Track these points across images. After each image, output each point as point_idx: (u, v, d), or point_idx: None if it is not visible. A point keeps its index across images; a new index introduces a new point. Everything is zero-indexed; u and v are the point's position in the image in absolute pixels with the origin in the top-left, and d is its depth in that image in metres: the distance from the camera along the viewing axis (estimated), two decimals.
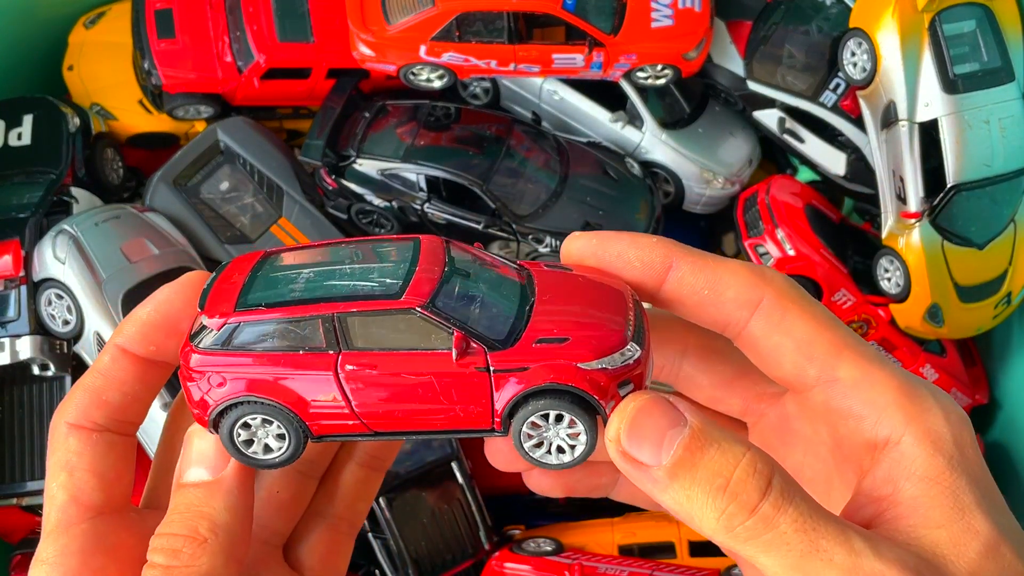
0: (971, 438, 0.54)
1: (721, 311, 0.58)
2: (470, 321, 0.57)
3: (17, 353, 1.63)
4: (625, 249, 0.60)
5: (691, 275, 0.59)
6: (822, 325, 0.57)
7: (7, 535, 1.83)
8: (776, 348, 0.57)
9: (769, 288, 0.58)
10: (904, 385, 0.55)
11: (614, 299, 0.59)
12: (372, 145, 1.80)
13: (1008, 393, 1.93)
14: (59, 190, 1.74)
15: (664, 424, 0.52)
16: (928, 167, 1.63)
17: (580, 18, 1.71)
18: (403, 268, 0.58)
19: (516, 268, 0.62)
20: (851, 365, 0.56)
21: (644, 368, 0.58)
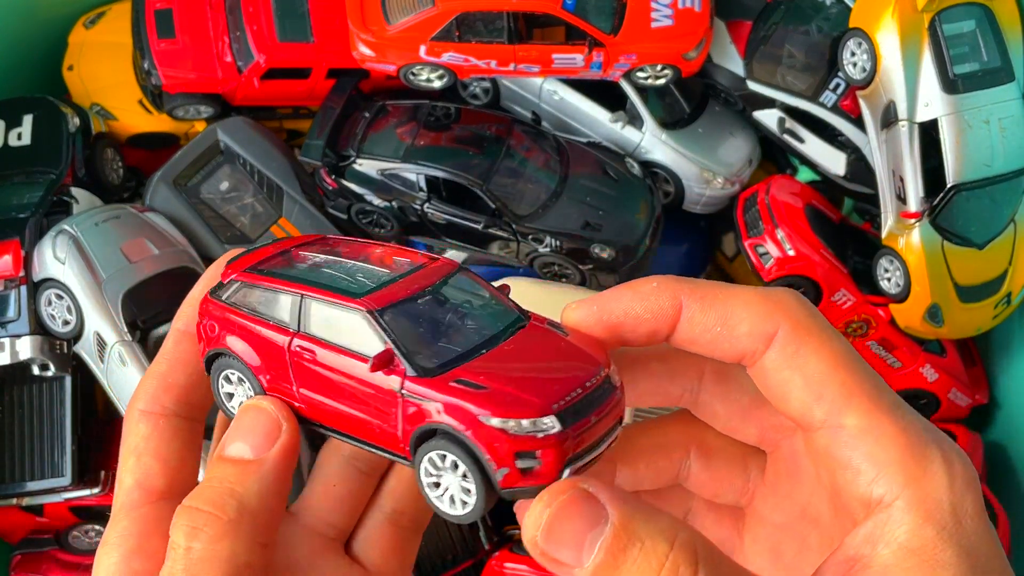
0: (975, 505, 0.51)
1: (736, 346, 0.56)
2: (408, 341, 0.56)
3: (17, 353, 1.63)
4: (630, 305, 0.57)
5: (702, 313, 0.56)
6: (838, 363, 0.54)
7: (7, 535, 1.83)
8: (785, 383, 0.55)
9: (785, 318, 0.55)
10: (911, 442, 0.52)
11: (576, 369, 0.55)
12: (372, 145, 1.80)
13: (1008, 393, 1.93)
14: (59, 190, 1.74)
15: (583, 526, 0.49)
16: (928, 167, 1.63)
17: (580, 18, 1.71)
18: (390, 277, 0.59)
19: (515, 316, 0.59)
20: (859, 412, 0.53)
21: (560, 449, 0.52)
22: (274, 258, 0.65)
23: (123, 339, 1.62)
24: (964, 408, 1.91)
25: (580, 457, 0.54)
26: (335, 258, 0.63)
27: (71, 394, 1.69)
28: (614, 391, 0.56)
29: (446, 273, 0.60)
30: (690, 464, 0.64)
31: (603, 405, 0.55)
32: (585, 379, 0.54)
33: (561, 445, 0.52)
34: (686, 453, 0.64)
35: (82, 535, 1.79)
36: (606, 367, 0.56)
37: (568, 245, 1.75)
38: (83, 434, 1.72)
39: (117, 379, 1.64)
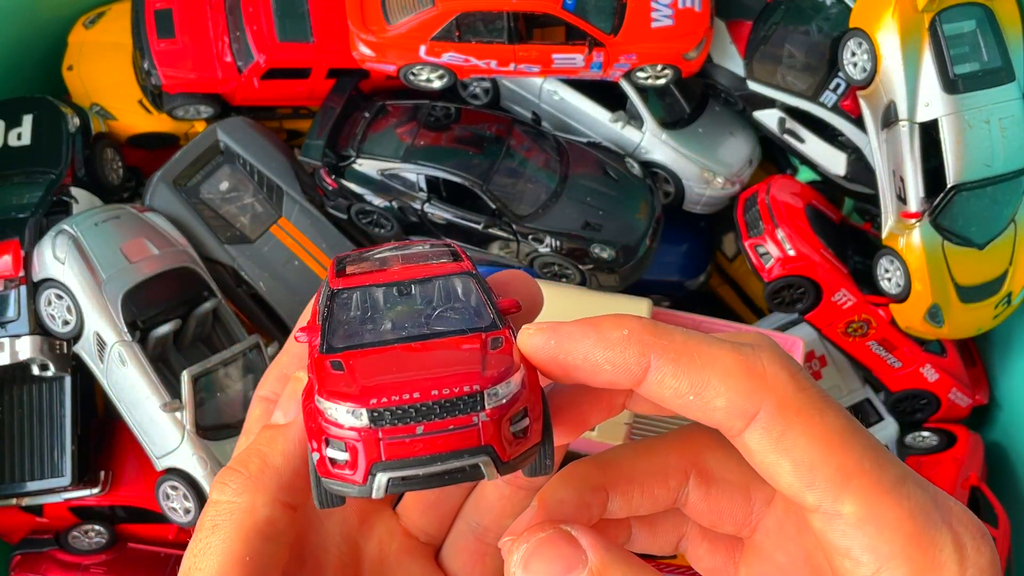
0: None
1: (711, 417, 0.50)
2: (337, 321, 0.56)
3: (17, 353, 1.63)
4: (592, 351, 0.51)
5: (673, 378, 0.49)
6: (831, 444, 0.48)
7: (7, 535, 1.83)
8: (772, 466, 0.49)
9: (769, 397, 0.48)
10: (917, 529, 0.47)
11: (441, 379, 0.51)
12: (372, 145, 1.80)
13: (1008, 393, 1.93)
14: (59, 190, 1.74)
15: (559, 567, 0.48)
16: (928, 167, 1.63)
17: (580, 18, 1.71)
18: (379, 267, 0.60)
19: (476, 325, 0.55)
20: (857, 498, 0.47)
21: (361, 446, 0.49)
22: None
23: (123, 339, 1.62)
24: (964, 408, 1.91)
25: (396, 467, 0.50)
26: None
27: (71, 394, 1.69)
28: (472, 413, 0.50)
29: (435, 273, 0.58)
30: (688, 492, 0.59)
31: (444, 421, 0.49)
32: (435, 387, 0.50)
33: (364, 442, 0.49)
34: (684, 479, 0.59)
35: (82, 535, 1.79)
36: (486, 385, 0.50)
37: (568, 245, 1.75)
38: (83, 434, 1.72)
39: (117, 379, 1.64)
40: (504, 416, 0.50)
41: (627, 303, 1.70)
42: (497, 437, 0.50)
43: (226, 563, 0.54)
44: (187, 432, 1.61)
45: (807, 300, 1.81)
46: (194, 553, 0.55)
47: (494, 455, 0.50)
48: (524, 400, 0.51)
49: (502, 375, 0.51)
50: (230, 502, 0.55)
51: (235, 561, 0.54)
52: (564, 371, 0.52)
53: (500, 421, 0.50)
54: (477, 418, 0.50)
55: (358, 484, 0.50)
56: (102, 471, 1.75)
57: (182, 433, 1.61)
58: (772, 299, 1.82)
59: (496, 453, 0.50)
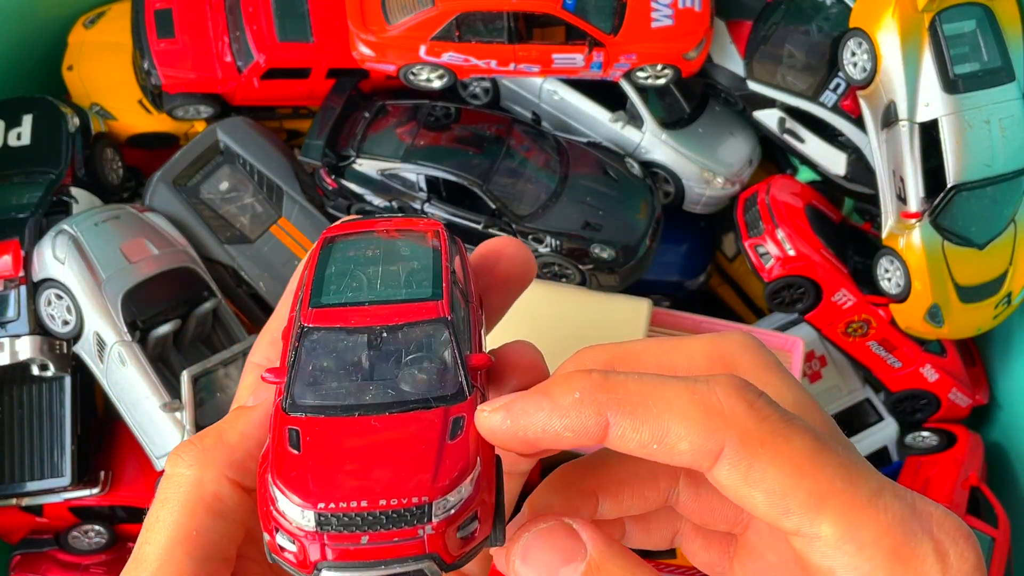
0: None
1: (678, 460, 0.49)
2: (306, 370, 0.56)
3: (17, 353, 1.63)
4: (547, 421, 0.49)
5: (633, 431, 0.48)
6: (801, 469, 0.47)
7: (7, 535, 1.83)
8: (745, 499, 0.48)
9: (730, 432, 0.47)
10: (899, 540, 0.47)
11: (392, 483, 0.50)
12: (372, 145, 1.80)
13: (1008, 393, 1.93)
14: (59, 190, 1.74)
15: (558, 558, 0.48)
16: (928, 167, 1.63)
17: (580, 18, 1.71)
18: (360, 299, 0.58)
19: (441, 393, 0.54)
20: (835, 519, 0.47)
21: (308, 547, 0.50)
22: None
23: (123, 339, 1.62)
24: (964, 408, 1.91)
25: (340, 568, 0.50)
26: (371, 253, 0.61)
27: (71, 394, 1.69)
28: (419, 525, 0.49)
29: (409, 319, 0.56)
30: (679, 492, 0.59)
31: (389, 532, 0.49)
32: (384, 496, 0.49)
33: (310, 544, 0.50)
34: (674, 481, 0.58)
35: (82, 535, 1.79)
36: (435, 496, 0.49)
37: (568, 245, 1.75)
38: (83, 434, 1.72)
39: (117, 379, 1.64)
40: (451, 525, 0.50)
41: (627, 303, 1.70)
42: (442, 546, 0.50)
43: (174, 537, 0.53)
44: (187, 432, 1.61)
45: (807, 300, 1.81)
46: (146, 527, 0.55)
47: (439, 560, 0.50)
48: (475, 502, 0.51)
49: (454, 481, 0.50)
50: (180, 474, 0.55)
51: (183, 535, 0.53)
52: (527, 445, 0.51)
53: (447, 530, 0.50)
54: (423, 530, 0.49)
55: (306, 573, 0.51)
56: (102, 471, 1.75)
57: (182, 433, 1.61)
58: (772, 299, 1.82)
59: (440, 559, 0.50)
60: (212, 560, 0.54)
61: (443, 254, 0.59)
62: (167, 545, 0.53)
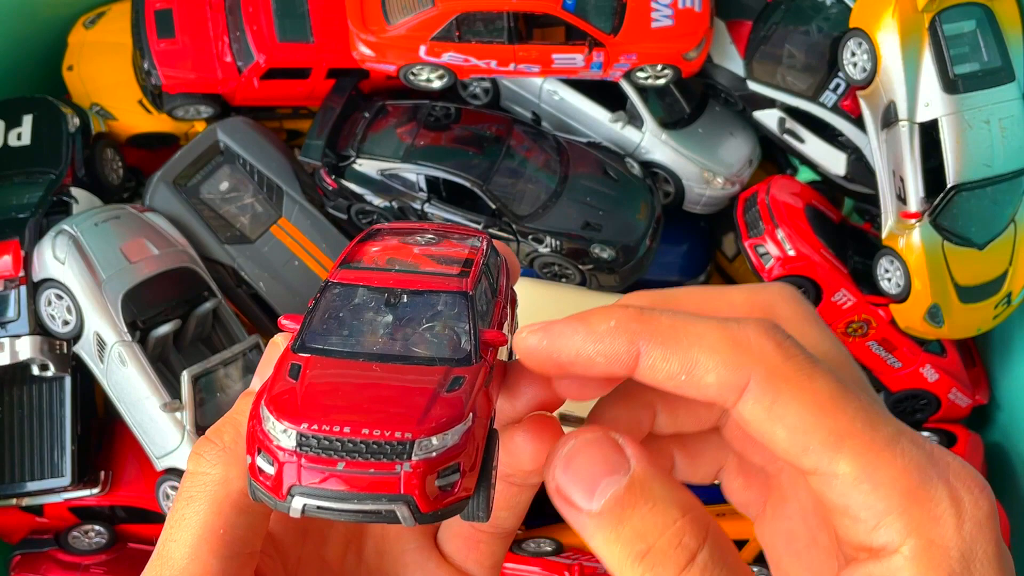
0: (986, 548, 0.48)
1: (704, 394, 0.50)
2: (320, 318, 0.57)
3: (17, 353, 1.63)
4: (582, 344, 0.51)
5: (663, 360, 0.50)
6: (823, 408, 0.48)
7: (7, 535, 1.83)
8: (767, 434, 0.50)
9: (756, 366, 0.49)
10: (912, 484, 0.47)
11: (379, 419, 0.50)
12: (372, 145, 1.80)
13: (1008, 393, 1.93)
14: (59, 190, 1.74)
15: (601, 469, 0.48)
16: (928, 167, 1.63)
17: (580, 18, 1.71)
18: (390, 267, 0.59)
19: (449, 356, 0.55)
20: (853, 459, 0.48)
21: (286, 466, 0.50)
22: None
23: (123, 339, 1.62)
24: (964, 408, 1.91)
25: (312, 495, 0.49)
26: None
27: (71, 394, 1.69)
28: (397, 461, 0.49)
29: (430, 287, 0.57)
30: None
31: (366, 463, 0.49)
32: (367, 425, 0.49)
33: (288, 466, 0.49)
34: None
35: (82, 535, 1.79)
36: (419, 434, 0.49)
37: (568, 245, 1.75)
38: (83, 434, 1.72)
39: (117, 379, 1.64)
40: (431, 469, 0.49)
41: None
42: (419, 489, 0.49)
43: (200, 536, 0.53)
44: (187, 432, 1.61)
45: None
46: (170, 525, 0.55)
47: (413, 505, 0.50)
48: (459, 453, 0.50)
49: (441, 425, 0.50)
50: (204, 474, 0.55)
51: (210, 533, 0.53)
52: (559, 368, 0.53)
53: (425, 474, 0.49)
54: (400, 467, 0.49)
55: (278, 499, 0.50)
56: (102, 471, 1.75)
57: (182, 433, 1.61)
58: None
59: (416, 504, 0.50)
60: (238, 557, 0.54)
61: (480, 250, 0.61)
62: (194, 543, 0.54)
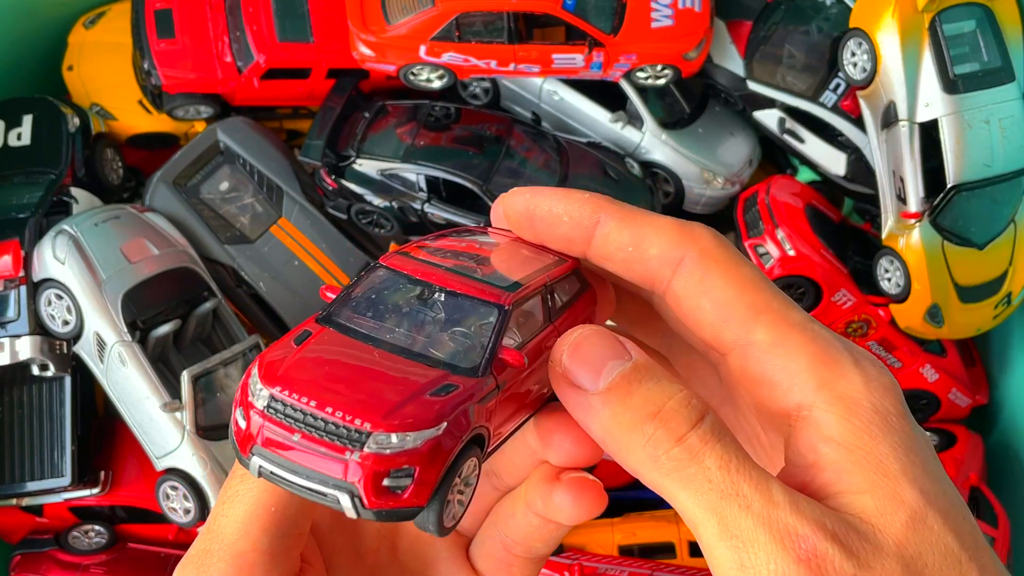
0: (896, 405, 0.51)
1: (646, 268, 0.57)
2: (356, 298, 0.57)
3: (17, 353, 1.63)
4: (555, 204, 0.59)
5: (617, 231, 0.57)
6: (744, 286, 0.54)
7: (7, 535, 1.83)
8: (696, 309, 0.55)
9: (693, 246, 0.55)
10: (822, 349, 0.52)
11: (356, 399, 0.49)
12: (372, 145, 1.80)
13: (1008, 393, 1.93)
14: (59, 190, 1.74)
15: (608, 353, 0.52)
16: (928, 167, 1.63)
17: (580, 18, 1.71)
18: (446, 266, 0.58)
19: (460, 367, 0.54)
20: (768, 328, 0.53)
21: (254, 421, 0.50)
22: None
23: (123, 339, 1.62)
24: (964, 408, 1.91)
25: (266, 459, 0.50)
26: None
27: (71, 394, 1.69)
28: (349, 447, 0.49)
29: (468, 292, 0.56)
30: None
31: (320, 441, 0.49)
32: (334, 405, 0.49)
33: (255, 422, 0.50)
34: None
35: (82, 535, 1.79)
36: (378, 428, 0.48)
37: None
38: (83, 434, 1.72)
39: (117, 379, 1.64)
40: (381, 466, 0.49)
41: None
42: (364, 482, 0.49)
43: (252, 512, 0.54)
44: (187, 432, 1.61)
45: (807, 300, 1.81)
46: (223, 500, 0.56)
47: (356, 497, 0.49)
48: (417, 459, 0.49)
49: (405, 425, 0.49)
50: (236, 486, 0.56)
51: (261, 511, 0.54)
52: (531, 221, 0.60)
53: (373, 468, 0.49)
54: (350, 455, 0.48)
55: (243, 455, 0.51)
56: (102, 471, 1.75)
57: (182, 433, 1.61)
58: None
59: (360, 497, 0.49)
60: (287, 536, 0.55)
61: (553, 272, 0.60)
62: (245, 520, 0.54)
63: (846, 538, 0.47)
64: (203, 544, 0.55)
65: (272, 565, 0.54)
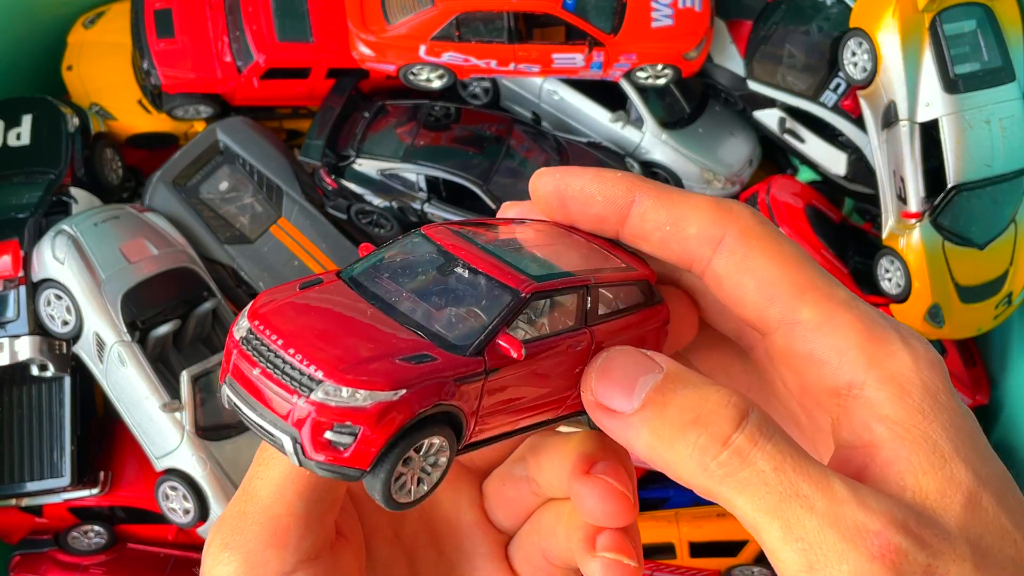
0: (944, 383, 0.50)
1: (685, 247, 0.55)
2: (382, 260, 0.57)
3: (16, 353, 1.63)
4: (588, 183, 0.58)
5: (653, 210, 0.56)
6: (788, 263, 0.53)
7: (6, 535, 1.83)
8: (737, 287, 0.54)
9: (733, 224, 0.54)
10: (869, 327, 0.51)
11: (335, 355, 0.48)
12: (372, 145, 1.80)
13: (1008, 393, 1.93)
14: (58, 190, 1.74)
15: (636, 371, 0.51)
16: (929, 167, 1.62)
17: (580, 18, 1.71)
18: (475, 247, 0.57)
19: (458, 344, 0.52)
20: (814, 306, 0.52)
21: (230, 357, 0.50)
22: None
23: (122, 339, 1.62)
24: None
25: (231, 388, 0.51)
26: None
27: (70, 394, 1.69)
28: (298, 391, 0.48)
29: (490, 272, 0.54)
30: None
31: (274, 379, 0.49)
32: (300, 350, 0.48)
33: (230, 351, 0.51)
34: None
35: (81, 536, 1.79)
36: (330, 377, 0.48)
37: None
38: (83, 434, 1.71)
39: (116, 379, 1.64)
40: (325, 417, 0.48)
41: None
42: (308, 430, 0.48)
43: (287, 475, 0.54)
44: (187, 432, 1.60)
45: None
46: (258, 463, 0.55)
47: (297, 445, 0.48)
48: (363, 419, 0.48)
49: (359, 382, 0.47)
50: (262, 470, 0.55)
51: (296, 474, 0.54)
52: (562, 201, 0.59)
53: (317, 418, 0.48)
54: (297, 398, 0.48)
55: (221, 382, 0.52)
56: (102, 471, 1.75)
57: (182, 433, 1.61)
58: None
59: (301, 443, 0.48)
60: (321, 502, 0.54)
61: (607, 276, 0.57)
62: (280, 482, 0.54)
63: (916, 527, 0.45)
64: (238, 506, 0.55)
65: (307, 531, 0.54)
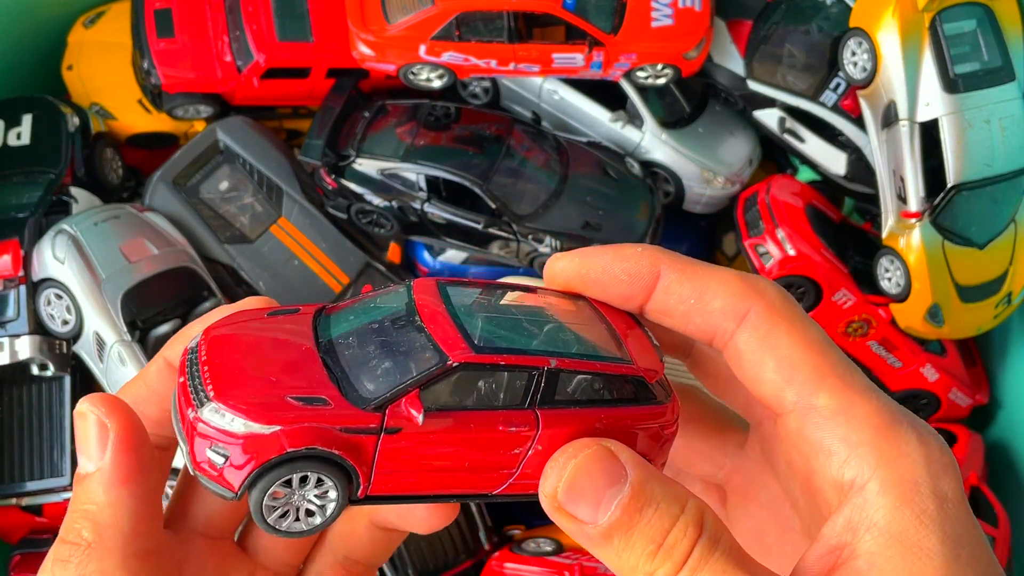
0: (955, 491, 0.49)
1: (708, 321, 0.55)
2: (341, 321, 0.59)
3: (16, 353, 1.63)
4: (610, 263, 0.58)
5: (678, 284, 0.56)
6: (810, 346, 0.53)
7: (7, 535, 1.83)
8: (758, 364, 0.54)
9: (759, 300, 0.54)
10: (886, 422, 0.50)
11: (268, 390, 0.51)
12: (372, 145, 1.80)
13: (1008, 393, 1.93)
14: (58, 190, 1.74)
15: (603, 483, 0.50)
16: (929, 167, 1.62)
17: (580, 17, 1.71)
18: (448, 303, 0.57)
19: (371, 398, 0.52)
20: (831, 393, 0.52)
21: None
22: None
23: (122, 339, 1.62)
24: (965, 408, 1.91)
25: (175, 391, 0.55)
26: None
27: (71, 394, 1.69)
28: (194, 406, 0.51)
29: (431, 328, 0.53)
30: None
31: (187, 392, 0.52)
32: (208, 366, 0.52)
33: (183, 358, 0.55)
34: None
35: None
36: (218, 399, 0.50)
37: (568, 245, 1.75)
38: None
39: (116, 379, 1.64)
40: (204, 434, 0.51)
41: None
42: (190, 441, 0.52)
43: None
44: None
45: (807, 300, 1.81)
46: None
47: (187, 453, 0.52)
48: (233, 444, 0.50)
49: (239, 409, 0.50)
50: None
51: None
52: (585, 284, 0.59)
53: (198, 433, 0.51)
54: (191, 411, 0.52)
55: None
56: None
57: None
58: None
59: (187, 453, 0.52)
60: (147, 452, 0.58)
61: (585, 364, 0.54)
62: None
63: None
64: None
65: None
